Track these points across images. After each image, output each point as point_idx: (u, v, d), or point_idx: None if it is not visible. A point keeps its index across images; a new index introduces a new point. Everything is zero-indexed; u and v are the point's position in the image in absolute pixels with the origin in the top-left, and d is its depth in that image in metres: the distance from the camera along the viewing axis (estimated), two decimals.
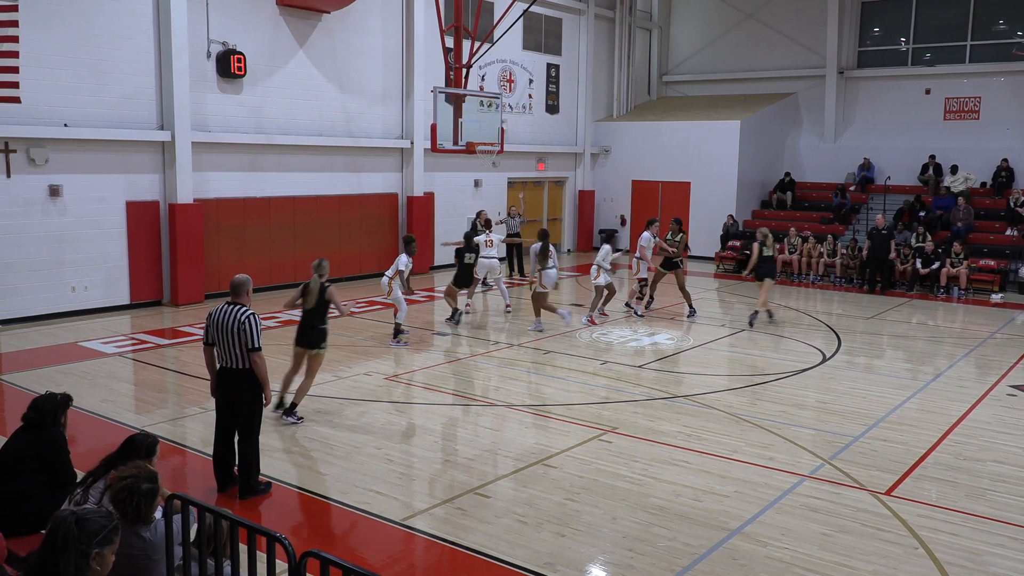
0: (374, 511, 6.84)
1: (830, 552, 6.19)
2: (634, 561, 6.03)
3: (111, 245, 14.94)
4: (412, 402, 10.10)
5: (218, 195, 16.40)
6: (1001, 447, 8.64)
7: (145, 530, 4.45)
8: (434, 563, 6.25)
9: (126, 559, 4.37)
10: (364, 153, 19.26)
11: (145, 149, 15.23)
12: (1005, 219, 20.82)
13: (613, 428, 8.95)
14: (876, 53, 25.17)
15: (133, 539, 4.41)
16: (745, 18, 26.91)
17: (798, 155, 25.97)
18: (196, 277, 15.81)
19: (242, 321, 6.82)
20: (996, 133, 22.76)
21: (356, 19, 18.63)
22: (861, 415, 9.65)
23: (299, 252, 17.80)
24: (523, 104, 23.88)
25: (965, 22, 23.46)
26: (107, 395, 10.04)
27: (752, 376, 11.43)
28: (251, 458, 7.06)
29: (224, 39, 16.13)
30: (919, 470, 7.93)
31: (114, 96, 14.71)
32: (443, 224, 21.50)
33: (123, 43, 14.72)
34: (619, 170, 26.19)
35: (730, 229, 23.08)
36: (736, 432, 8.95)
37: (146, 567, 4.47)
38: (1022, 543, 6.40)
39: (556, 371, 11.57)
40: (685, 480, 7.55)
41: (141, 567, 4.45)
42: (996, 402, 10.32)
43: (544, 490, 7.31)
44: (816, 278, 20.48)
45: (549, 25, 24.50)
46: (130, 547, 4.40)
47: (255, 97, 16.87)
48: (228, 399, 7.04)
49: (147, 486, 4.46)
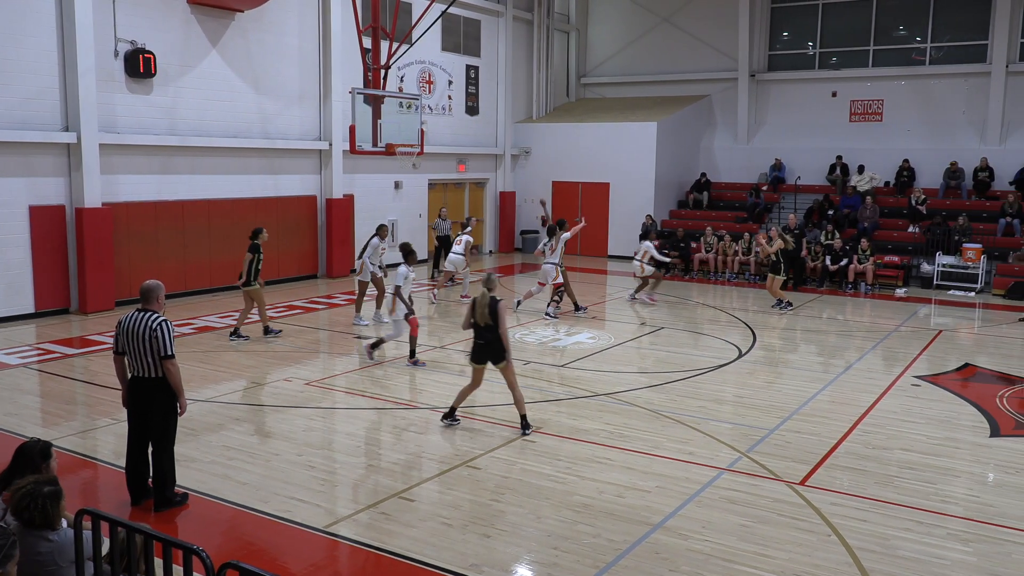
0: (296, 519, 6.72)
1: (749, 543, 6.36)
2: (559, 559, 6.08)
3: (13, 251, 14.30)
4: (334, 407, 9.96)
5: (128, 199, 15.87)
6: (907, 435, 9.01)
7: (52, 535, 4.29)
8: (359, 569, 6.18)
9: (33, 566, 4.21)
10: (281, 155, 18.92)
11: (49, 151, 14.63)
12: (907, 217, 21.75)
13: (537, 428, 8.99)
14: (786, 57, 25.99)
15: (40, 544, 4.25)
16: (660, 22, 27.44)
17: (713, 156, 26.61)
18: (105, 284, 15.26)
19: (153, 328, 6.61)
20: (898, 134, 23.78)
21: (271, 19, 18.28)
22: (776, 408, 9.94)
23: (215, 257, 17.38)
24: (443, 105, 23.83)
25: (868, 27, 24.44)
26: (11, 408, 9.60)
27: (671, 373, 11.65)
28: (166, 469, 6.85)
29: (132, 38, 15.62)
30: (831, 460, 8.21)
31: (15, 96, 14.08)
32: (363, 226, 21.24)
33: (24, 41, 14.11)
34: (539, 171, 26.38)
35: (649, 229, 23.43)
36: (657, 428, 9.11)
37: (54, 574, 4.31)
38: (927, 527, 6.68)
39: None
40: (608, 477, 7.65)
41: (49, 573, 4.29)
42: (902, 392, 10.76)
43: (468, 492, 7.31)
44: (732, 276, 21.01)
45: (468, 27, 24.51)
46: (36, 553, 4.24)
47: (167, 98, 16.39)
48: (141, 409, 6.81)
49: (49, 488, 4.31)
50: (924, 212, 21.37)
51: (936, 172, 22.77)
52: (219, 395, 10.22)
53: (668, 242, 22.35)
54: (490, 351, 8.73)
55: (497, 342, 8.66)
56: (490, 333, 8.67)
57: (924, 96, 23.68)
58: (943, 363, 12.45)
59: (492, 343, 8.69)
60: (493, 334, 8.66)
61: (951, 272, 19.73)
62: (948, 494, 7.40)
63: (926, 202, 21.63)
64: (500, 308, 8.67)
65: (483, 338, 8.75)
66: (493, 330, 8.65)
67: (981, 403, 10.25)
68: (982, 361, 12.63)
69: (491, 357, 8.76)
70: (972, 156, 22.38)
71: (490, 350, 8.73)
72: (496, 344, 8.67)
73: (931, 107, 23.58)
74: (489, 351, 8.74)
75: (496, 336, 8.65)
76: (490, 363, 8.82)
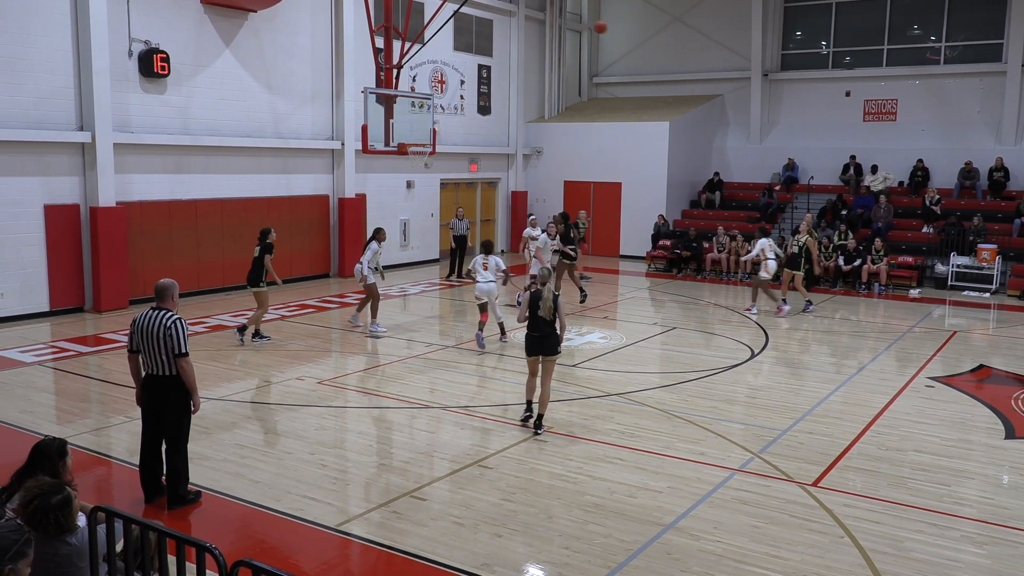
0: (308, 517, 6.74)
1: (760, 544, 6.34)
2: (570, 559, 6.07)
3: (29, 250, 14.40)
4: (346, 406, 9.99)
5: (142, 198, 15.96)
6: (920, 437, 8.96)
7: (71, 537, 4.34)
8: (370, 568, 6.20)
9: (52, 565, 4.25)
10: (294, 154, 18.98)
11: (64, 151, 14.72)
12: (921, 217, 21.62)
13: (548, 427, 8.99)
14: (799, 56, 25.88)
15: (60, 547, 4.30)
16: (672, 21, 27.37)
17: (726, 155, 26.53)
18: (119, 282, 15.36)
19: (168, 326, 6.65)
20: (912, 134, 23.63)
21: (284, 19, 18.34)
22: (789, 409, 9.90)
23: (227, 256, 17.45)
24: (455, 105, 23.85)
25: (882, 27, 24.30)
26: (26, 406, 9.67)
27: (683, 373, 11.63)
28: (179, 467, 6.89)
29: (146, 38, 15.70)
30: (844, 461, 8.17)
31: (31, 96, 14.18)
32: (375, 225, 21.23)
33: (39, 41, 14.21)
34: (551, 171, 26.36)
35: (661, 229, 23.43)
36: (668, 428, 9.09)
37: (71, 573, 4.35)
38: (941, 528, 6.65)
39: (491, 372, 11.59)
40: (619, 477, 7.64)
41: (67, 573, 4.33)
42: (915, 394, 10.70)
43: (480, 491, 7.31)
44: (744, 276, 20.93)
45: (480, 26, 24.52)
46: (55, 553, 4.28)
47: (180, 97, 16.47)
48: (154, 407, 6.85)
49: (57, 498, 4.32)
50: (938, 212, 21.23)
51: (951, 172, 22.63)
52: (232, 393, 10.27)
53: (680, 242, 22.31)
54: (545, 344, 8.97)
55: (553, 335, 8.95)
56: (548, 327, 8.95)
57: (939, 95, 23.53)
58: (957, 364, 12.37)
59: (548, 336, 8.96)
60: (550, 327, 8.95)
61: (965, 273, 19.60)
62: (962, 496, 7.35)
63: (940, 202, 21.49)
64: (561, 303, 9.04)
65: (540, 331, 8.98)
66: (551, 324, 8.94)
67: (996, 405, 10.19)
68: (997, 362, 12.54)
69: (545, 350, 8.97)
70: (987, 156, 22.23)
71: (546, 343, 8.97)
72: (551, 338, 8.95)
73: (946, 107, 23.43)
74: (544, 344, 8.97)
75: (553, 329, 8.95)
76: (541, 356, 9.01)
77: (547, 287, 9.04)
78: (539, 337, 8.98)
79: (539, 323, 8.96)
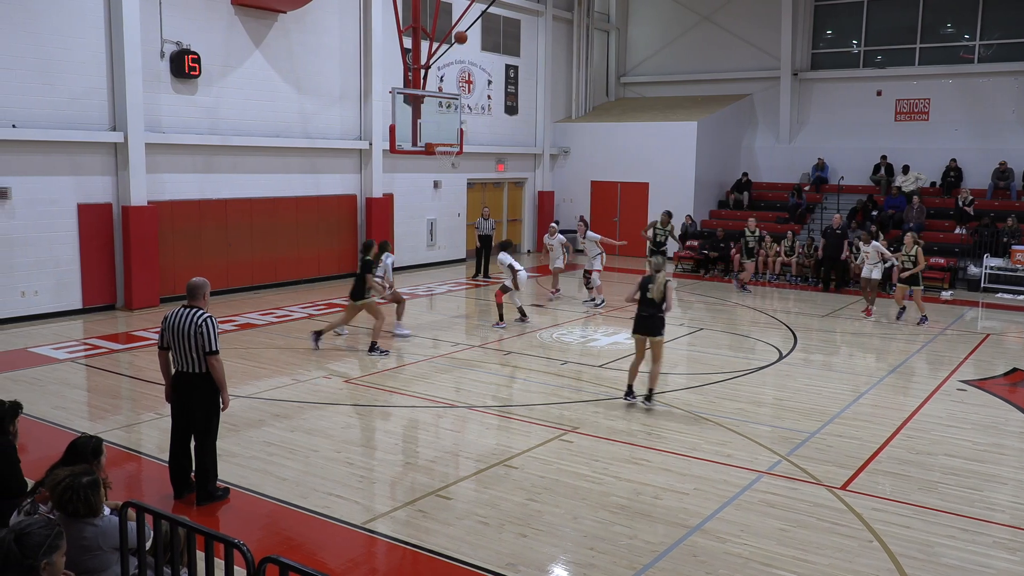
0: (334, 515, 6.79)
1: (788, 547, 6.28)
2: (596, 560, 6.06)
3: (62, 248, 14.63)
4: (372, 404, 10.04)
5: (173, 197, 16.15)
6: (951, 441, 8.83)
7: (96, 520, 4.43)
8: (395, 566, 6.22)
9: (78, 551, 4.33)
10: (322, 154, 19.11)
11: (97, 150, 14.94)
12: (954, 218, 21.32)
13: (574, 428, 8.98)
14: (829, 55, 25.62)
15: (85, 529, 4.38)
16: (701, 20, 27.22)
17: (754, 155, 26.33)
18: (151, 281, 15.55)
19: (199, 324, 6.73)
20: (945, 134, 23.31)
21: (312, 19, 18.47)
22: (817, 411, 9.81)
23: (256, 255, 17.62)
24: (482, 105, 23.88)
25: (914, 25, 24.00)
26: (59, 402, 9.83)
27: (710, 375, 11.55)
28: (208, 463, 6.96)
29: (178, 39, 15.89)
30: (873, 464, 8.08)
31: (64, 96, 14.41)
32: (403, 225, 21.44)
33: (73, 42, 14.43)
34: (578, 171, 26.31)
35: (688, 229, 23.29)
36: (695, 430, 9.04)
37: (98, 558, 4.42)
38: (972, 534, 6.55)
39: (517, 372, 11.60)
40: (645, 478, 7.61)
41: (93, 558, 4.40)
42: (946, 397, 10.55)
43: (506, 491, 7.32)
44: (773, 277, 20.75)
45: (507, 26, 24.53)
46: (81, 538, 4.36)
47: (210, 98, 16.64)
48: (184, 404, 6.93)
49: (87, 478, 4.43)
50: (971, 213, 20.92)
51: (984, 172, 22.28)
52: (260, 391, 10.36)
53: (708, 242, 22.16)
54: (651, 323, 9.67)
55: (657, 317, 9.64)
56: (655, 308, 9.61)
57: (972, 95, 23.18)
58: (990, 367, 12.18)
59: (654, 316, 9.64)
60: (658, 308, 9.61)
61: (999, 275, 19.30)
62: (994, 501, 7.24)
63: (973, 203, 21.17)
64: (671, 287, 9.69)
65: (648, 311, 9.66)
66: (657, 305, 9.59)
67: None
68: None
69: (650, 330, 9.68)
70: (1022, 156, 21.85)
71: (652, 323, 9.66)
72: (655, 319, 9.64)
73: (979, 106, 23.08)
74: (650, 323, 9.67)
75: (658, 310, 9.62)
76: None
77: (661, 273, 9.69)
78: (646, 317, 9.67)
79: (647, 303, 9.64)
